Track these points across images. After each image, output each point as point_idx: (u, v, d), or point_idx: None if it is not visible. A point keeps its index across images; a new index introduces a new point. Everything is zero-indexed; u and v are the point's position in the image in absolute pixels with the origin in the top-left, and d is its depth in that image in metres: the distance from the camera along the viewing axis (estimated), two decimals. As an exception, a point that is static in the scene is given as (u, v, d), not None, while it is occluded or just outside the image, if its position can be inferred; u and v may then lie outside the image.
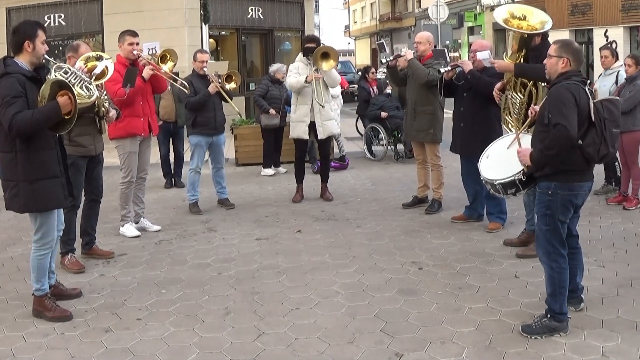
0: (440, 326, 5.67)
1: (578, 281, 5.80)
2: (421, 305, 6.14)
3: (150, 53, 8.92)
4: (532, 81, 7.25)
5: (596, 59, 24.42)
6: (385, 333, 5.57)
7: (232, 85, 10.39)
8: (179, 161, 12.72)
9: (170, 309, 6.26)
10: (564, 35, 27.95)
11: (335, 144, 14.34)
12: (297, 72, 10.38)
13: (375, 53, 60.10)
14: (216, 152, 10.36)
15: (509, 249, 7.75)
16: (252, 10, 21.69)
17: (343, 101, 15.93)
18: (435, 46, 10.83)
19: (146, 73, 8.55)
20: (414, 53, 9.64)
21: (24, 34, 5.83)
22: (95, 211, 7.95)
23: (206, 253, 8.05)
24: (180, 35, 18.75)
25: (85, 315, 6.12)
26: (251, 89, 14.14)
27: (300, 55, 10.64)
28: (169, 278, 7.18)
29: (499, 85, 7.72)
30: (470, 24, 43.41)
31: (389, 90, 15.69)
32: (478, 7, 41.69)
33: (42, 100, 5.70)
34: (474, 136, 8.39)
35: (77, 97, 5.86)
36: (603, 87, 9.87)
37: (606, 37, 25.79)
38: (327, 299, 6.41)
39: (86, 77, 6.29)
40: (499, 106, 7.76)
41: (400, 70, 9.83)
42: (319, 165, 11.52)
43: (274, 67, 13.98)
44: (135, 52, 8.52)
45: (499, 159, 6.21)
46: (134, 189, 8.86)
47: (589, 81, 5.49)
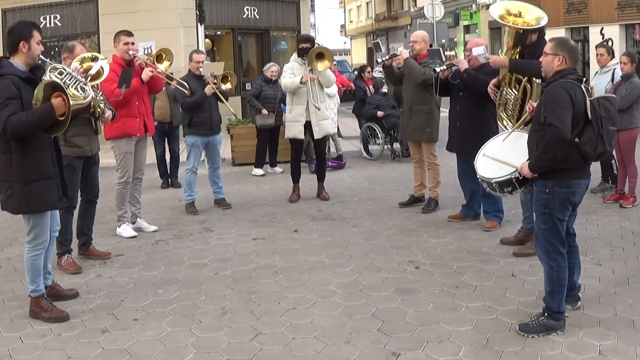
0: (437, 325, 5.67)
1: (575, 279, 5.80)
2: (418, 305, 6.14)
3: (145, 52, 8.89)
4: (527, 77, 7.27)
5: (592, 57, 24.41)
6: (382, 332, 5.57)
7: (228, 86, 10.39)
8: (175, 161, 12.70)
9: (167, 309, 6.25)
10: (560, 33, 27.94)
11: (332, 143, 14.34)
12: (292, 73, 10.37)
13: (371, 52, 60.09)
14: (212, 152, 10.36)
15: (506, 247, 7.75)
16: (248, 10, 21.67)
17: (341, 101, 15.96)
18: (431, 45, 10.84)
19: (145, 75, 8.54)
20: (409, 52, 9.65)
21: (19, 35, 5.81)
22: (92, 212, 7.94)
23: (203, 253, 8.04)
24: (175, 35, 18.73)
25: (82, 316, 6.12)
26: (247, 88, 14.17)
27: (294, 55, 10.63)
28: (165, 278, 7.17)
29: (494, 81, 7.74)
30: (466, 23, 43.43)
31: (384, 89, 15.68)
32: (474, 6, 41.68)
33: (37, 103, 5.68)
34: (470, 135, 8.39)
35: (72, 99, 5.87)
36: (599, 85, 9.87)
37: (602, 35, 25.85)
38: (324, 298, 6.40)
39: (81, 78, 6.27)
40: (495, 104, 7.76)
41: (398, 69, 9.83)
42: (315, 165, 11.51)
43: (267, 66, 13.98)
44: (130, 52, 8.51)
45: (495, 158, 6.20)
46: (130, 189, 8.85)
47: (584, 79, 5.49)
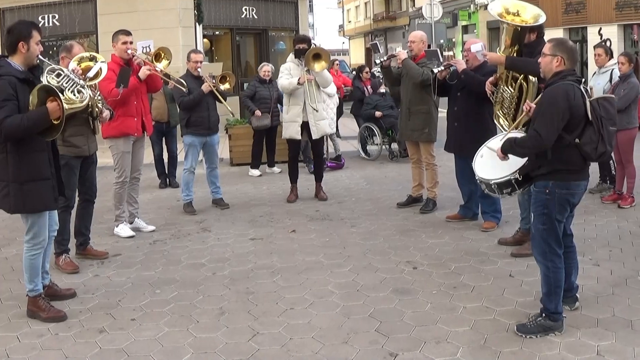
0: (435, 326, 5.67)
1: (573, 280, 5.80)
2: (416, 305, 6.14)
3: (144, 51, 8.89)
4: (523, 75, 7.29)
5: (590, 57, 24.42)
6: (379, 333, 5.57)
7: (227, 86, 10.39)
8: (173, 161, 12.69)
9: (165, 309, 6.25)
10: (558, 33, 27.97)
11: (331, 143, 14.33)
12: (289, 73, 10.37)
13: (369, 52, 60.11)
14: (210, 152, 10.35)
15: (504, 248, 7.75)
16: (246, 10, 21.65)
17: (345, 100, 16.03)
18: (429, 46, 10.84)
19: (142, 73, 8.54)
20: (407, 52, 9.65)
21: (18, 35, 5.80)
22: (89, 211, 7.94)
23: (200, 253, 8.04)
24: (174, 35, 18.71)
25: (80, 316, 6.11)
26: (245, 88, 14.20)
27: (291, 55, 10.63)
28: (163, 278, 7.16)
29: (491, 79, 7.74)
30: (464, 23, 43.44)
31: (382, 89, 15.67)
32: (472, 6, 41.70)
33: (32, 107, 5.69)
34: (468, 135, 8.39)
35: (68, 102, 5.90)
36: (597, 86, 9.89)
37: (600, 35, 25.86)
38: (322, 298, 6.40)
39: (79, 80, 6.26)
40: (493, 105, 7.77)
41: (397, 68, 9.83)
42: (313, 165, 11.50)
43: (261, 66, 13.93)
44: (129, 52, 8.51)
45: (493, 158, 6.20)
46: (128, 189, 8.85)
47: (583, 80, 5.49)
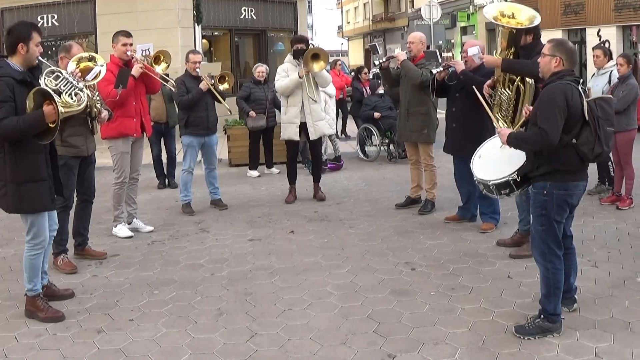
0: (433, 327, 5.67)
1: (572, 282, 5.80)
2: (414, 306, 6.13)
3: (143, 54, 8.89)
4: (520, 77, 7.30)
5: (589, 59, 24.41)
6: (378, 334, 5.56)
7: (225, 86, 10.39)
8: (172, 161, 12.68)
9: (163, 309, 6.25)
10: (557, 34, 27.93)
11: (330, 144, 14.33)
12: (286, 75, 10.37)
13: (368, 53, 60.12)
14: (209, 153, 10.34)
15: (502, 249, 7.75)
16: (245, 10, 21.66)
17: (343, 102, 16.00)
18: (428, 47, 10.84)
19: (136, 71, 8.51)
20: (406, 53, 9.65)
21: (17, 36, 5.81)
22: (88, 212, 7.93)
23: (199, 254, 8.03)
24: (173, 35, 18.72)
25: (78, 316, 6.11)
26: (240, 90, 14.13)
27: (289, 56, 10.63)
28: (161, 279, 7.16)
29: (489, 82, 7.75)
30: (463, 24, 43.43)
31: (381, 90, 15.67)
32: (471, 7, 41.72)
33: (28, 111, 5.70)
34: (466, 136, 8.39)
35: (65, 106, 5.94)
36: (596, 87, 9.89)
37: (599, 37, 25.83)
38: (320, 299, 6.40)
39: (77, 83, 6.26)
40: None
41: (397, 68, 9.83)
42: (311, 166, 11.49)
43: (255, 67, 13.91)
44: (128, 53, 8.51)
45: (491, 159, 6.20)
46: (126, 190, 8.85)
47: (581, 80, 5.49)
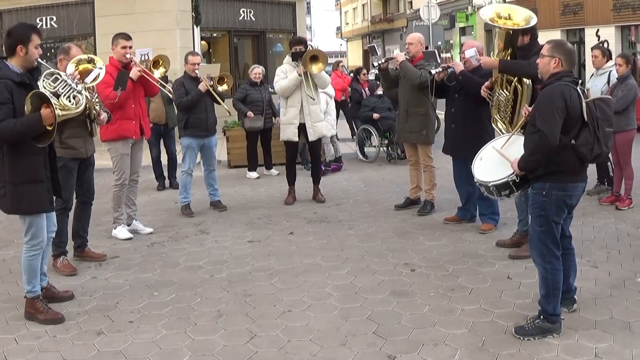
0: (432, 328, 5.67)
1: (571, 282, 5.80)
2: (414, 307, 6.13)
3: (142, 59, 8.90)
4: (517, 78, 7.32)
5: (588, 59, 24.42)
6: (377, 335, 5.56)
7: (224, 87, 10.38)
8: (173, 163, 12.67)
9: (163, 311, 6.24)
10: (556, 34, 27.95)
11: (331, 145, 14.29)
12: (285, 76, 10.37)
13: (367, 54, 60.10)
14: (208, 154, 10.34)
15: (502, 250, 7.75)
16: (244, 12, 21.65)
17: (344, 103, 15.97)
18: (426, 47, 10.83)
19: (134, 74, 8.52)
20: (405, 54, 9.65)
21: (17, 38, 5.82)
22: (87, 213, 7.93)
23: (198, 255, 8.03)
24: (172, 37, 18.71)
25: (77, 318, 6.11)
26: (236, 92, 14.05)
27: (288, 57, 10.63)
28: (161, 280, 7.16)
29: (487, 83, 7.76)
30: (462, 25, 43.43)
31: (380, 91, 15.65)
32: (470, 8, 41.72)
33: (26, 113, 5.71)
34: (465, 137, 8.40)
35: (63, 108, 5.96)
36: (595, 87, 9.88)
37: (598, 37, 25.84)
38: (320, 301, 6.40)
39: (76, 86, 6.26)
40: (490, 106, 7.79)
41: (395, 69, 9.83)
42: (311, 168, 11.48)
43: (251, 69, 13.86)
44: (127, 56, 8.51)
45: (492, 161, 6.20)
46: (126, 191, 8.85)
47: (580, 81, 5.49)
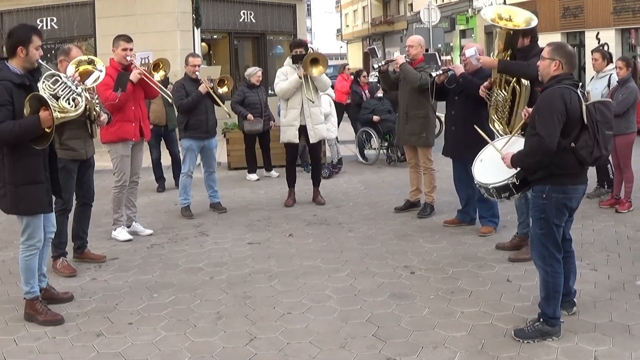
0: (432, 331, 5.67)
1: (571, 285, 5.80)
2: (413, 310, 6.13)
3: (143, 62, 8.90)
4: (516, 78, 7.33)
5: (588, 62, 24.43)
6: (377, 338, 5.56)
7: (225, 90, 10.38)
8: (178, 164, 12.56)
9: (162, 313, 6.24)
10: (556, 37, 27.95)
11: (328, 148, 14.28)
12: (286, 78, 10.38)
13: (367, 57, 60.15)
14: (208, 156, 10.34)
15: (502, 252, 7.75)
16: (244, 14, 21.66)
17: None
18: (427, 50, 10.85)
19: (134, 76, 8.53)
20: (405, 57, 9.65)
21: (17, 40, 5.83)
22: (87, 215, 7.94)
23: (198, 257, 8.03)
24: (172, 39, 18.72)
25: (77, 319, 6.11)
26: (234, 95, 13.93)
27: (289, 60, 10.63)
28: (160, 282, 7.16)
29: (486, 83, 7.78)
30: (462, 27, 43.45)
31: (380, 93, 15.65)
32: (470, 10, 41.73)
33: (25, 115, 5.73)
34: (465, 140, 8.38)
35: (62, 111, 5.99)
36: (595, 90, 9.87)
37: (598, 40, 25.85)
38: (319, 303, 6.40)
39: (76, 88, 6.27)
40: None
41: (393, 74, 9.83)
42: (311, 170, 11.47)
43: (249, 71, 13.68)
44: (128, 58, 8.52)
45: (492, 163, 6.20)
46: (126, 193, 8.85)
47: (580, 84, 5.49)
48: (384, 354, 5.26)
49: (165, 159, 12.80)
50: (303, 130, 10.45)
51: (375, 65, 10.07)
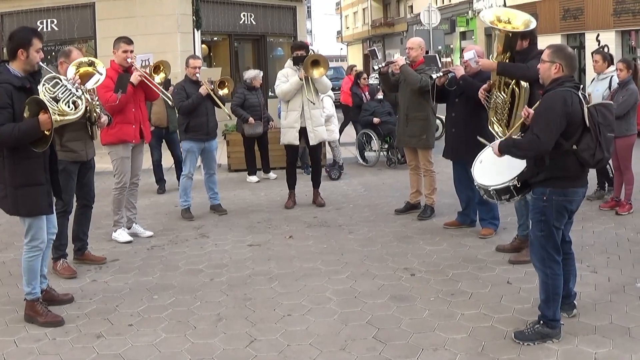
0: (432, 333, 5.67)
1: (571, 287, 5.80)
2: (413, 312, 6.13)
3: (143, 65, 8.92)
4: (515, 81, 7.34)
5: (588, 64, 24.42)
6: (377, 340, 5.56)
7: (225, 91, 10.39)
8: (180, 165, 12.54)
9: (162, 314, 6.25)
10: (556, 39, 27.96)
11: (330, 149, 14.26)
12: (287, 80, 10.38)
13: (367, 59, 60.14)
14: (208, 158, 10.34)
15: (502, 255, 7.75)
16: (245, 15, 21.66)
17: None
18: (427, 52, 10.84)
19: (134, 78, 8.53)
20: (405, 59, 9.65)
21: (18, 42, 5.84)
22: (87, 216, 7.94)
23: (198, 259, 8.03)
24: (172, 41, 18.73)
25: (77, 321, 6.11)
26: (233, 97, 13.86)
27: (289, 62, 10.63)
28: (161, 284, 7.16)
29: (485, 86, 7.77)
30: (462, 29, 43.48)
31: (380, 95, 15.65)
32: (470, 12, 41.75)
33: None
34: (465, 141, 8.38)
35: (61, 114, 5.99)
36: (596, 92, 9.88)
37: (598, 42, 25.85)
38: (319, 305, 6.40)
39: (76, 91, 6.27)
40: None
41: (392, 76, 9.83)
42: (311, 172, 11.46)
43: (251, 74, 13.63)
44: (129, 60, 8.53)
45: (492, 165, 6.20)
46: (126, 195, 8.85)
47: (581, 86, 5.49)
48: (384, 356, 5.25)
49: (166, 161, 12.80)
50: (303, 132, 10.46)
51: (376, 67, 10.07)
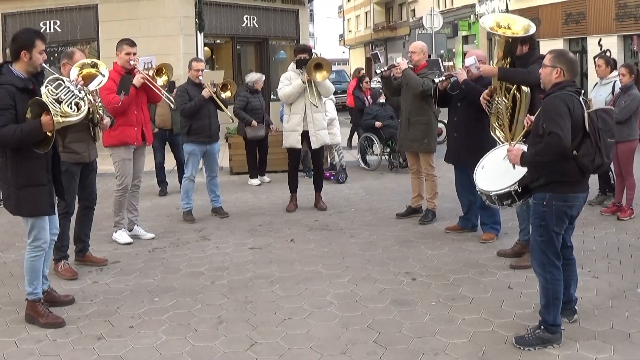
0: (433, 337, 5.66)
1: (572, 292, 5.80)
2: (414, 316, 6.13)
3: (146, 67, 8.92)
4: (516, 86, 7.35)
5: (590, 68, 24.40)
6: (378, 344, 5.56)
7: (228, 94, 10.41)
8: (183, 167, 12.58)
9: (163, 317, 6.25)
10: (558, 44, 27.96)
11: (336, 154, 14.25)
12: (290, 83, 10.39)
13: (369, 62, 60.14)
14: (210, 161, 10.35)
15: (503, 259, 7.75)
16: (247, 18, 21.67)
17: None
18: (429, 56, 10.85)
19: (137, 80, 8.54)
20: (408, 63, 9.65)
21: (21, 44, 5.86)
22: (89, 218, 7.94)
23: (199, 262, 8.03)
24: (175, 43, 18.75)
25: (78, 322, 6.12)
26: (236, 100, 13.81)
27: (292, 65, 10.64)
28: (162, 286, 7.16)
29: (486, 91, 7.78)
30: (464, 33, 43.48)
31: (382, 99, 15.65)
32: (472, 16, 41.73)
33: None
34: (467, 146, 8.40)
35: (63, 115, 6.03)
36: (599, 97, 9.86)
37: (600, 46, 25.86)
38: (320, 309, 6.40)
39: (79, 93, 6.29)
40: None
41: (394, 80, 9.84)
42: (313, 175, 11.45)
43: (253, 77, 13.59)
44: (131, 62, 8.54)
45: (494, 170, 6.21)
46: (128, 196, 8.85)
47: (582, 91, 5.49)
48: (385, 360, 5.26)
49: (169, 163, 12.80)
50: (305, 135, 10.46)
51: (378, 71, 10.07)
